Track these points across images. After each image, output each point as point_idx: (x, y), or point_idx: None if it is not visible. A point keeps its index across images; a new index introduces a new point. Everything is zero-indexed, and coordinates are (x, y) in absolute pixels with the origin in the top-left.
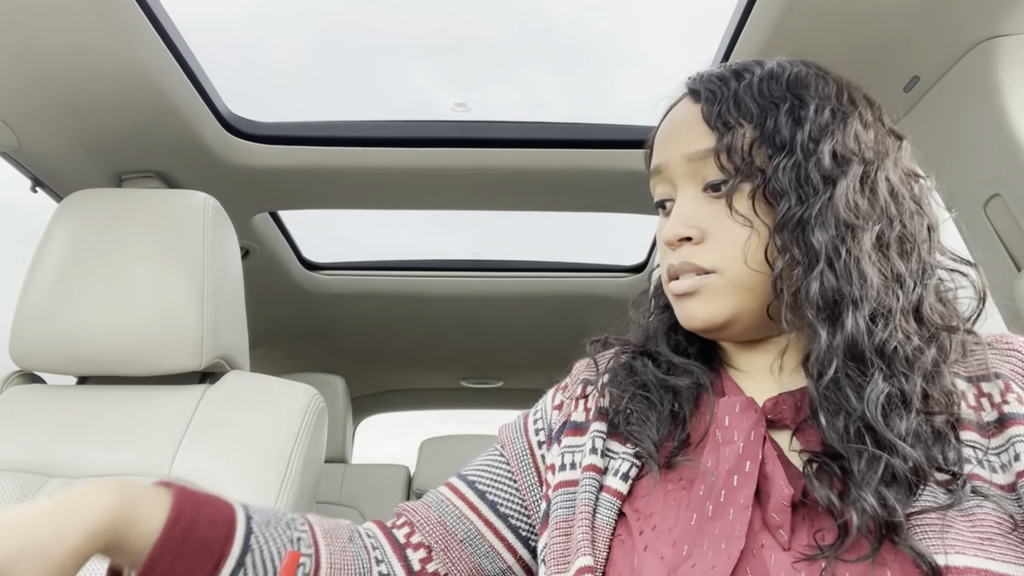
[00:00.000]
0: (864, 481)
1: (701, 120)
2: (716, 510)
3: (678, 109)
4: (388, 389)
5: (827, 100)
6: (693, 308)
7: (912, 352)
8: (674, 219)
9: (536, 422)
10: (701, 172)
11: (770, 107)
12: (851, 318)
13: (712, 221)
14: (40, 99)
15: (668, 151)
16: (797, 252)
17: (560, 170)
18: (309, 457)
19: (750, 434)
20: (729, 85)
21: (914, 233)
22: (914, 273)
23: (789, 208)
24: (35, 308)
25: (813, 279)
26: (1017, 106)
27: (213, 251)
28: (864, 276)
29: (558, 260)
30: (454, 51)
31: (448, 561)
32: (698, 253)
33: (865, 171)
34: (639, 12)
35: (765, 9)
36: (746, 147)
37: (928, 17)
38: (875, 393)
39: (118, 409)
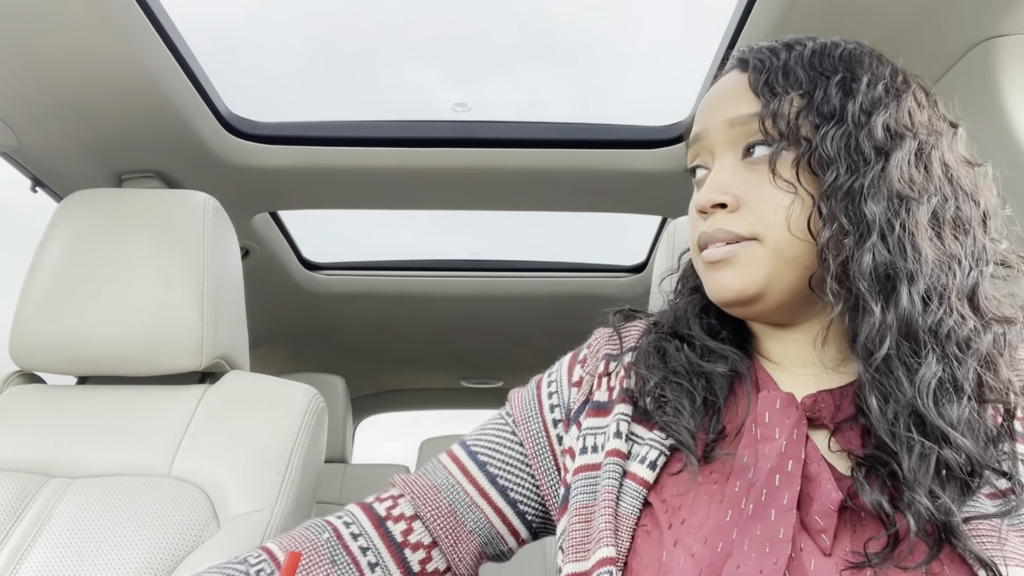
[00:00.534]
0: (916, 480)
1: (747, 88)
2: (757, 510)
3: (724, 79)
4: (388, 389)
5: (880, 77)
6: (726, 278)
7: (967, 335)
8: (709, 185)
9: (551, 396)
10: (742, 139)
11: (820, 77)
12: (906, 293)
13: (750, 189)
14: (40, 99)
15: (709, 117)
16: (846, 222)
17: (560, 170)
18: (309, 457)
19: (792, 432)
20: (779, 55)
21: (969, 216)
22: (969, 256)
23: (837, 177)
24: (35, 308)
25: (866, 251)
26: (1017, 106)
27: (213, 251)
28: (919, 251)
29: (558, 260)
30: (454, 50)
31: (455, 554)
32: (733, 220)
33: (920, 147)
34: (639, 12)
35: (765, 9)
36: (792, 114)
37: (928, 17)
38: (928, 376)
39: (118, 409)
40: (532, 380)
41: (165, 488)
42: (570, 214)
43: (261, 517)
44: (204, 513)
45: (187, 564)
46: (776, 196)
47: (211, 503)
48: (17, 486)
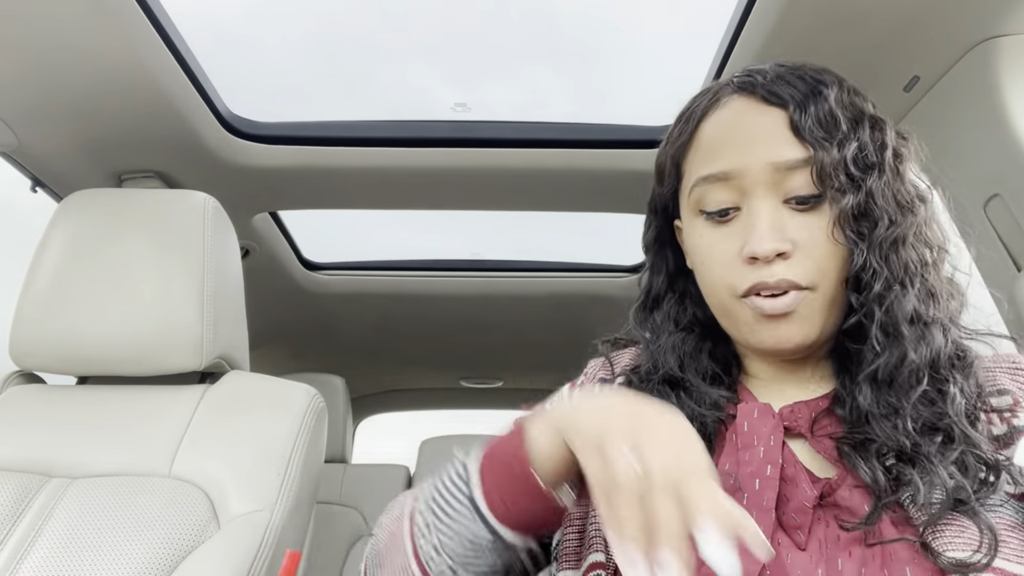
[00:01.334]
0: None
1: (787, 128)
2: None
3: (744, 111)
4: (388, 389)
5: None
6: (787, 331)
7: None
8: (767, 232)
9: None
10: (784, 183)
11: (857, 124)
12: (938, 334)
13: (800, 235)
14: (40, 99)
15: (746, 157)
16: (890, 274)
17: (560, 170)
18: (309, 457)
19: (770, 439)
20: (822, 97)
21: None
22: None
23: (886, 227)
24: (35, 308)
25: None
26: (1017, 106)
27: (213, 251)
28: (936, 295)
29: (558, 260)
30: (454, 49)
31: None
32: (791, 268)
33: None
34: (639, 12)
35: (765, 9)
36: (840, 162)
37: (928, 17)
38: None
39: (118, 409)
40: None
41: (165, 488)
42: (570, 214)
43: (261, 517)
44: (204, 513)
45: (187, 564)
46: (826, 246)
47: (211, 503)
48: (17, 486)
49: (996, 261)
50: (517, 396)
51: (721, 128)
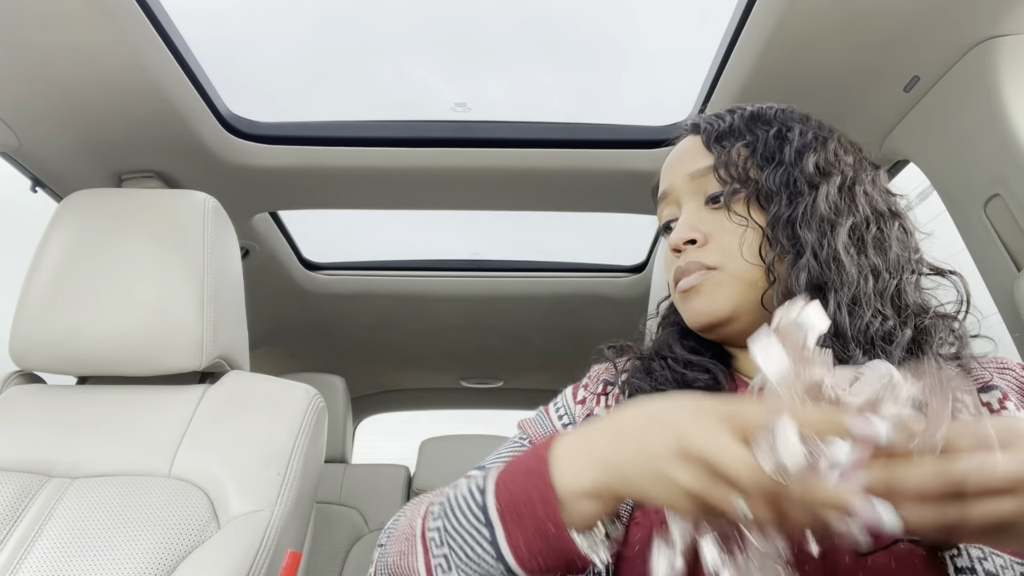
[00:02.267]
0: None
1: (701, 146)
2: None
3: (681, 143)
4: (388, 389)
5: (809, 126)
6: (698, 303)
7: (888, 331)
8: (679, 227)
9: (559, 409)
10: (702, 188)
11: (759, 129)
12: (832, 301)
13: (713, 227)
14: (40, 99)
15: (672, 175)
16: (787, 245)
17: (560, 170)
18: (309, 457)
19: None
20: (724, 119)
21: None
22: (891, 267)
23: (780, 208)
24: (35, 308)
25: (801, 268)
26: (1017, 106)
27: (213, 251)
28: (841, 264)
29: (558, 260)
30: (454, 46)
31: None
32: (701, 253)
33: (843, 181)
34: (639, 12)
35: (765, 9)
36: (740, 161)
37: (928, 17)
38: None
39: (118, 409)
40: (539, 408)
41: (165, 488)
42: (570, 214)
43: (261, 517)
44: (204, 513)
45: (187, 564)
46: (734, 230)
47: (211, 503)
48: (17, 486)
49: (996, 261)
50: (517, 396)
51: (666, 161)
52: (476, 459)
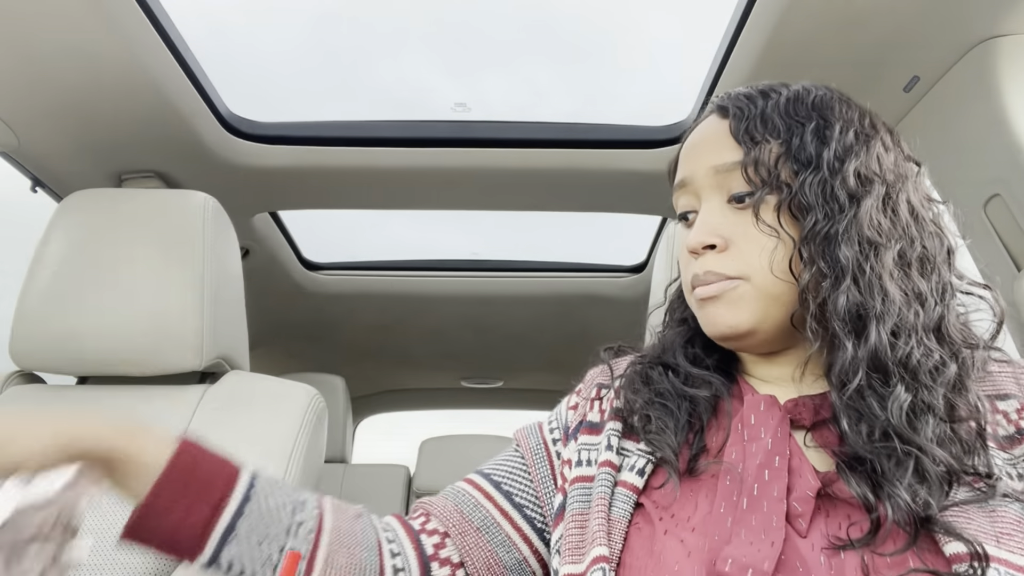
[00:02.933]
0: (896, 478)
1: (728, 135)
2: (751, 503)
3: (705, 125)
4: (388, 389)
5: (851, 123)
6: (718, 313)
7: (934, 366)
8: (698, 227)
9: (551, 421)
10: (726, 184)
11: (796, 125)
12: (875, 331)
13: (736, 231)
14: (40, 99)
15: (694, 164)
16: (824, 265)
17: (560, 170)
18: (309, 457)
19: (776, 431)
20: (756, 103)
21: (934, 254)
22: (934, 292)
23: (816, 222)
24: (35, 308)
25: (840, 293)
26: (1017, 106)
27: (213, 251)
28: (886, 292)
29: (558, 260)
30: (454, 44)
31: (464, 547)
32: (722, 261)
33: (887, 192)
34: (639, 12)
35: (765, 9)
36: (772, 161)
37: (928, 17)
38: (898, 402)
39: (118, 409)
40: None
41: None
42: (570, 214)
43: None
44: None
45: (187, 564)
46: (760, 240)
47: None
48: None
49: (996, 261)
50: (517, 396)
51: (687, 144)
52: (476, 459)
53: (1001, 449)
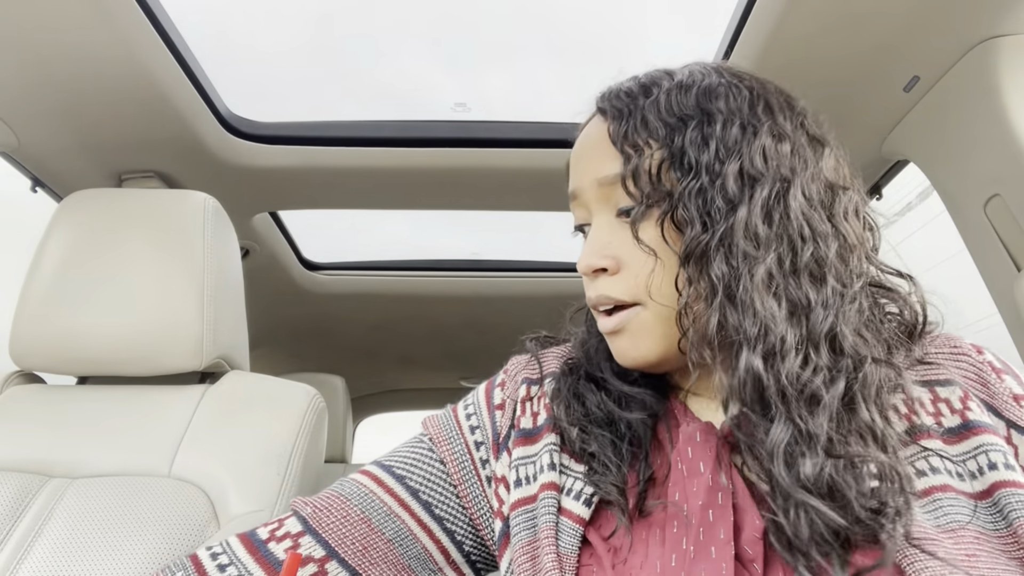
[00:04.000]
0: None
1: (609, 141)
2: (698, 551)
3: (589, 129)
4: (388, 389)
5: (736, 114)
6: (623, 346)
7: (815, 390)
8: (588, 248)
9: (470, 418)
10: (613, 197)
11: (678, 125)
12: (745, 357)
13: (626, 249)
14: (40, 99)
15: (580, 176)
16: (703, 286)
17: (560, 170)
18: (309, 457)
19: (716, 463)
20: (637, 102)
21: (825, 255)
22: (828, 300)
23: (694, 237)
24: (35, 308)
25: (712, 315)
26: (1017, 106)
27: (213, 251)
28: (756, 311)
29: (558, 260)
30: (454, 42)
31: (365, 562)
32: (615, 285)
33: (773, 191)
34: (638, 11)
35: (765, 10)
36: (654, 170)
37: (928, 17)
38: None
39: (118, 409)
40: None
41: (165, 488)
42: (570, 214)
43: (261, 517)
44: (204, 513)
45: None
46: (645, 259)
47: (211, 503)
48: (17, 486)
49: (996, 261)
50: None
51: (575, 149)
52: None
53: (945, 443)
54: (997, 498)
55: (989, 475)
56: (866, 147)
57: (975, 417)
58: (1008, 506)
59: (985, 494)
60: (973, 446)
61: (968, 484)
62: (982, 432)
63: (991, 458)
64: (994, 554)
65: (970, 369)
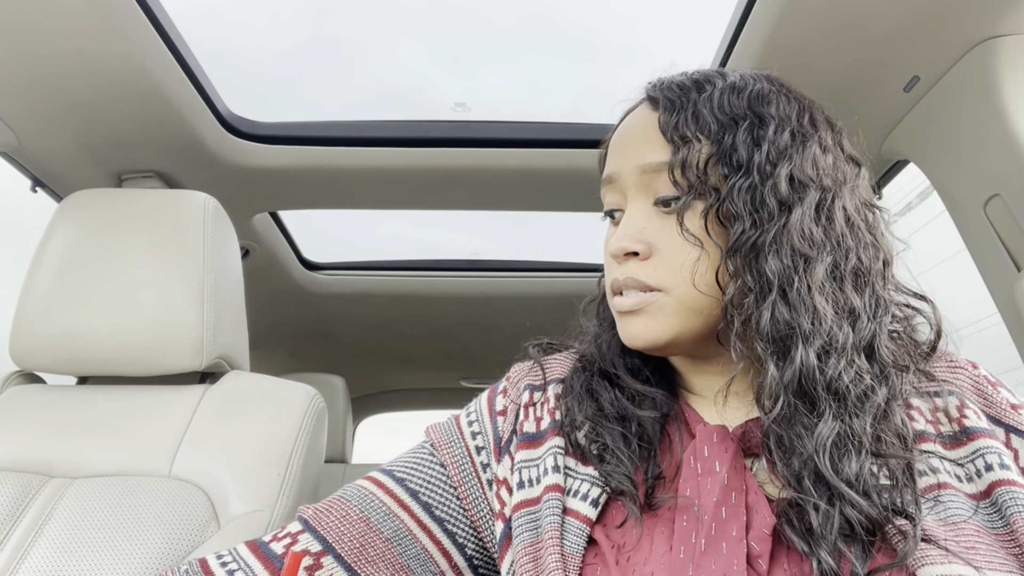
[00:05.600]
0: (823, 536)
1: (657, 130)
2: (709, 544)
3: (635, 116)
4: (388, 389)
5: (787, 121)
6: (635, 327)
7: (863, 391)
8: (622, 231)
9: (472, 424)
10: (653, 185)
11: (729, 124)
12: (800, 352)
13: (661, 237)
14: (40, 99)
15: (621, 160)
16: (750, 279)
17: (560, 170)
18: (309, 457)
19: (732, 464)
20: (689, 96)
21: (868, 266)
22: (868, 308)
23: (743, 232)
24: (35, 308)
25: (765, 309)
26: (1017, 106)
27: (213, 251)
28: (816, 309)
29: (558, 260)
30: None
31: (361, 560)
32: (644, 269)
33: (822, 198)
34: (638, 11)
35: (765, 9)
36: (701, 163)
37: (928, 17)
38: (824, 433)
39: (118, 409)
40: (449, 416)
41: (165, 488)
42: (570, 214)
43: (261, 517)
44: (204, 513)
45: None
46: (684, 249)
47: (211, 503)
48: (17, 486)
49: (996, 261)
50: None
51: (616, 135)
52: None
53: (945, 448)
54: (995, 497)
55: (987, 476)
56: (866, 147)
57: (972, 424)
58: (1005, 504)
59: (984, 494)
60: (971, 450)
61: (967, 485)
62: (980, 437)
63: (988, 460)
64: (993, 547)
65: (967, 382)
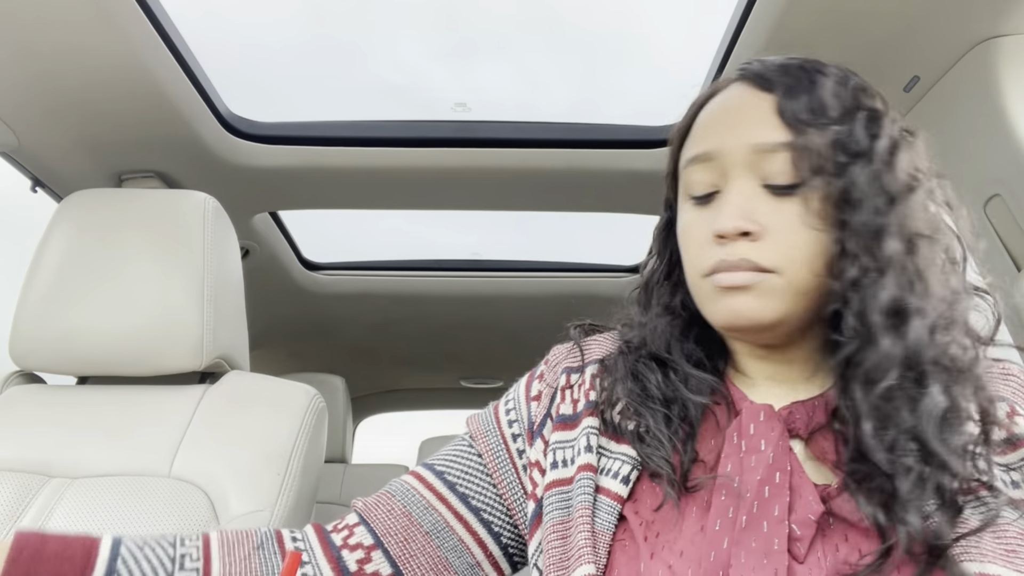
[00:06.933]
0: (910, 501)
1: (773, 112)
2: (750, 522)
3: (735, 94)
4: (388, 389)
5: (895, 119)
6: (743, 304)
7: (968, 363)
8: (732, 210)
9: (508, 412)
10: (763, 166)
11: (849, 112)
12: (915, 325)
13: (773, 219)
14: (40, 99)
15: (726, 137)
16: (869, 260)
17: (560, 170)
18: (309, 457)
19: (778, 444)
20: (801, 81)
21: (955, 254)
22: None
23: (868, 217)
24: (35, 308)
25: (883, 288)
26: (1017, 106)
27: (213, 251)
28: (929, 286)
29: (557, 260)
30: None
31: (404, 554)
32: (757, 251)
33: (931, 187)
34: (638, 11)
35: (765, 9)
36: (822, 148)
37: (928, 17)
38: (933, 405)
39: (118, 409)
40: (490, 404)
41: (165, 488)
42: (570, 214)
43: (261, 517)
44: (204, 513)
45: None
46: (799, 232)
47: (211, 503)
48: (17, 486)
49: (996, 261)
50: None
51: (713, 112)
52: None
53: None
54: None
55: None
56: None
57: (1021, 431)
58: None
59: None
60: (1019, 457)
61: (1013, 491)
62: None
63: None
64: None
65: (1018, 389)
